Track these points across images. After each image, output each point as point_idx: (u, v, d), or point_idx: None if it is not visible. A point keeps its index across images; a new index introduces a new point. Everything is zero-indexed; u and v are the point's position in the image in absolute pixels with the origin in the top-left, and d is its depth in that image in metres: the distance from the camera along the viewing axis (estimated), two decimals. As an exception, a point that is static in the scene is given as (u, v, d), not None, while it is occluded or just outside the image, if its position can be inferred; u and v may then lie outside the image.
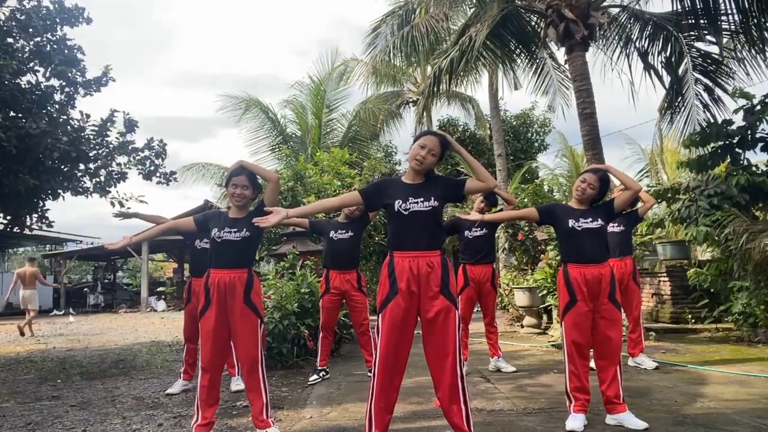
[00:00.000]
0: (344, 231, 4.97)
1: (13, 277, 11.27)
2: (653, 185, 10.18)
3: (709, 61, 8.69)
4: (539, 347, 6.69)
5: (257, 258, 7.93)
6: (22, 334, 10.09)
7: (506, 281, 10.10)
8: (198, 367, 3.37)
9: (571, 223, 3.43)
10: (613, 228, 5.05)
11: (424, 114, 16.10)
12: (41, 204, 6.72)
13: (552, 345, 6.55)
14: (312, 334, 5.56)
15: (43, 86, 6.42)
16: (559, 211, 3.56)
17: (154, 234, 3.63)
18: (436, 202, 2.85)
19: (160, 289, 22.49)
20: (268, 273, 6.39)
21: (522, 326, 8.54)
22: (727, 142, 7.36)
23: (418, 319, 2.88)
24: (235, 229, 3.26)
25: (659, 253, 8.39)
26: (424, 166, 2.90)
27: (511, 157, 17.86)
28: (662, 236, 8.85)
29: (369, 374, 5.05)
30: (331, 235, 4.99)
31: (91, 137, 6.55)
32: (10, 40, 6.17)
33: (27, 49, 6.33)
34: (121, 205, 6.80)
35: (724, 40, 8.21)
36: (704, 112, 8.60)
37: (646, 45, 9.02)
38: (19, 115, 6.10)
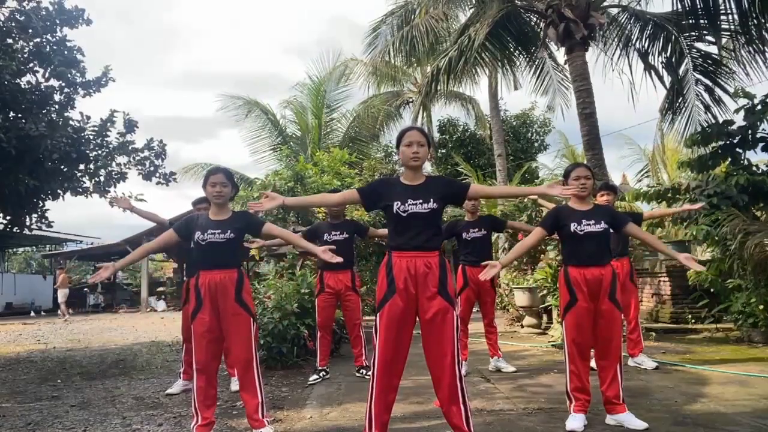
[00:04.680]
0: (338, 232, 5.05)
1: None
2: (653, 185, 10.18)
3: (709, 61, 8.69)
4: (539, 347, 6.69)
5: (257, 258, 7.93)
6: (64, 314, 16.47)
7: (506, 281, 10.10)
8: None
9: (573, 227, 3.40)
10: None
11: (423, 113, 16.08)
12: (41, 204, 6.72)
13: (552, 345, 6.55)
14: (312, 333, 5.57)
15: (42, 87, 6.42)
16: (560, 215, 3.51)
17: (137, 257, 3.48)
18: (435, 204, 2.84)
19: (160, 289, 22.50)
20: (268, 273, 6.39)
21: (522, 326, 8.54)
22: (728, 142, 7.36)
23: (417, 319, 2.88)
24: (219, 231, 3.26)
25: (659, 253, 8.39)
26: (422, 160, 2.91)
27: (511, 157, 17.84)
28: (662, 236, 8.85)
29: (358, 374, 5.08)
30: (324, 237, 5.05)
31: (91, 137, 6.54)
32: (9, 40, 6.16)
33: (27, 49, 6.33)
34: (120, 205, 6.79)
35: (724, 41, 8.21)
36: (705, 113, 8.59)
37: (646, 45, 9.02)
38: (19, 115, 6.10)
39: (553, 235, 3.62)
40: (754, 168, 7.27)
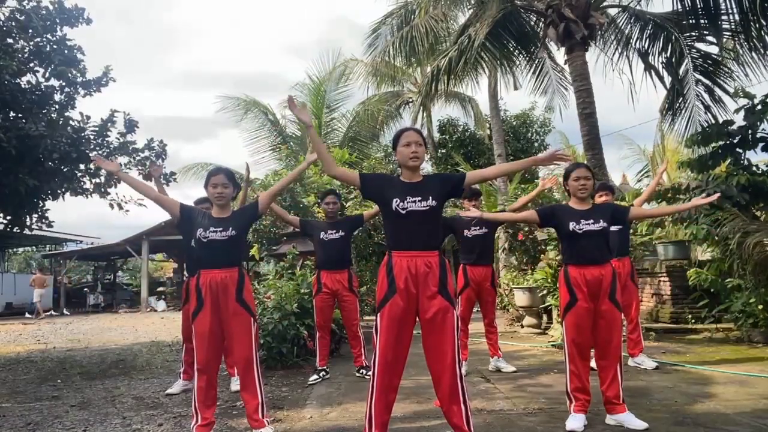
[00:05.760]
0: (334, 231, 5.02)
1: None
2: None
3: (709, 61, 8.69)
4: (539, 347, 6.69)
5: (257, 258, 7.92)
6: (39, 314, 17.28)
7: (506, 281, 10.09)
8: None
9: (572, 225, 3.40)
10: (612, 228, 5.04)
11: (423, 113, 16.07)
12: (41, 204, 6.73)
13: (552, 345, 6.55)
14: (311, 334, 5.57)
15: (43, 86, 6.42)
16: (559, 213, 3.52)
17: (141, 188, 3.52)
18: (434, 201, 2.84)
19: (160, 289, 22.51)
20: (268, 273, 6.39)
21: (522, 326, 8.54)
22: (728, 142, 7.36)
23: (417, 319, 2.88)
24: (221, 229, 3.27)
25: (659, 253, 8.38)
26: (421, 160, 2.93)
27: (511, 157, 17.80)
28: (662, 236, 8.85)
29: (358, 374, 5.08)
30: (321, 236, 5.03)
31: (92, 137, 6.55)
32: (10, 40, 6.17)
33: (27, 49, 6.33)
34: (120, 207, 6.80)
35: (724, 40, 8.21)
36: (705, 113, 8.58)
37: (646, 45, 9.02)
38: (20, 115, 6.10)
39: (545, 230, 3.66)
40: (754, 168, 7.27)
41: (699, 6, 7.50)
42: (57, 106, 6.56)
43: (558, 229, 3.55)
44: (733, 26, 7.82)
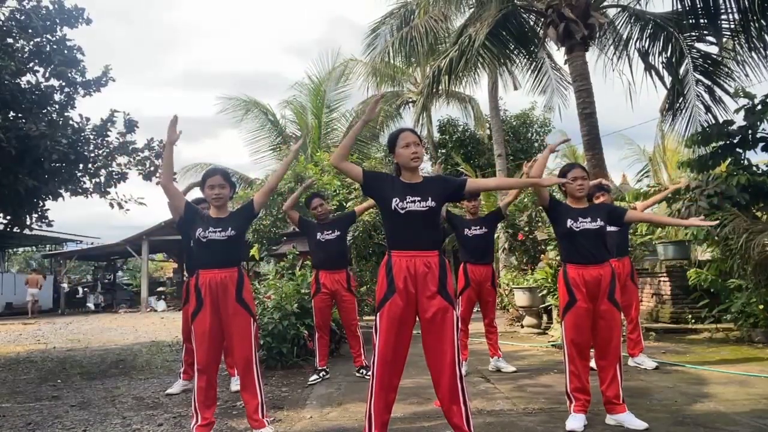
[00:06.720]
0: (330, 231, 5.03)
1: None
2: (654, 185, 10.17)
3: (709, 61, 8.68)
4: (539, 347, 6.69)
5: (257, 258, 7.93)
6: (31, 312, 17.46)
7: (506, 281, 10.09)
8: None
9: (569, 223, 3.41)
10: (610, 227, 5.05)
11: (423, 114, 16.06)
12: (41, 204, 6.73)
13: (552, 345, 6.55)
14: (311, 334, 5.58)
15: (42, 86, 6.42)
16: (561, 209, 3.53)
17: (167, 169, 3.40)
18: (433, 202, 2.85)
19: (160, 289, 22.51)
20: (268, 273, 6.39)
21: (522, 326, 8.54)
22: (728, 142, 7.35)
23: (417, 319, 2.88)
24: (220, 229, 3.27)
25: (659, 253, 8.38)
26: (422, 159, 2.94)
27: (511, 157, 17.81)
28: (662, 236, 8.85)
29: (358, 374, 5.08)
30: (317, 237, 5.04)
31: (91, 138, 6.55)
32: (9, 40, 6.17)
33: (27, 49, 6.33)
34: (120, 206, 6.80)
35: (724, 40, 8.20)
36: (706, 113, 8.58)
37: (646, 45, 9.01)
38: (19, 115, 6.11)
39: (545, 230, 3.66)
40: (755, 168, 7.27)
41: (699, 6, 7.49)
42: (57, 106, 6.56)
43: (556, 225, 3.55)
44: (732, 26, 7.80)
